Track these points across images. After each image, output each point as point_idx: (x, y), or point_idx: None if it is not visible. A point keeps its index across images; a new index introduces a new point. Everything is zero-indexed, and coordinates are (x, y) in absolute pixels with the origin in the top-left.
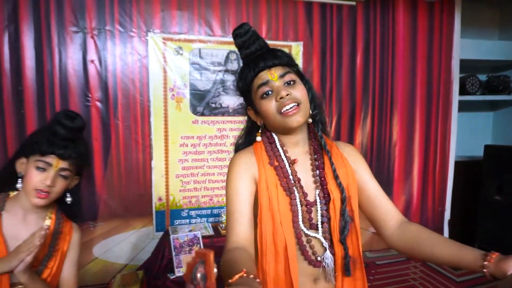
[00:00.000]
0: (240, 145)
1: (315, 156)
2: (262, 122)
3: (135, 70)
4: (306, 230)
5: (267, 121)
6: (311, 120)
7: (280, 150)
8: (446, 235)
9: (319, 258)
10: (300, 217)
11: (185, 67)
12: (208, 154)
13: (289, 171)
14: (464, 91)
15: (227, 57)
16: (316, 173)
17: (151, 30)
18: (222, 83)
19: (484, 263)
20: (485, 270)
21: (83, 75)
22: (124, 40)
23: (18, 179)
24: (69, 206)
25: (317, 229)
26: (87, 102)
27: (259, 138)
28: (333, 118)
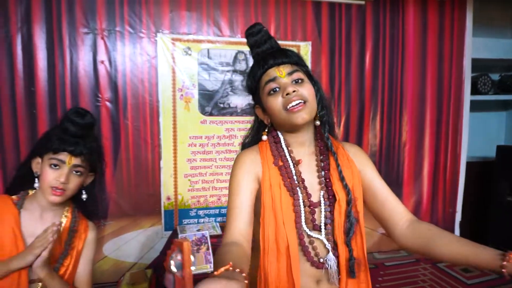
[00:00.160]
0: (246, 143)
1: (321, 157)
2: (269, 121)
3: (144, 71)
4: (309, 231)
5: (273, 118)
6: (319, 122)
7: (285, 150)
8: None
9: (321, 260)
10: (303, 218)
11: (194, 68)
12: (216, 154)
13: (293, 171)
14: (476, 91)
15: (235, 57)
16: (321, 174)
17: (160, 31)
18: (231, 83)
19: (503, 263)
20: (504, 270)
21: (93, 76)
22: (133, 41)
23: (35, 179)
24: (85, 204)
25: (320, 231)
26: (97, 102)
27: (264, 137)
28: (341, 118)
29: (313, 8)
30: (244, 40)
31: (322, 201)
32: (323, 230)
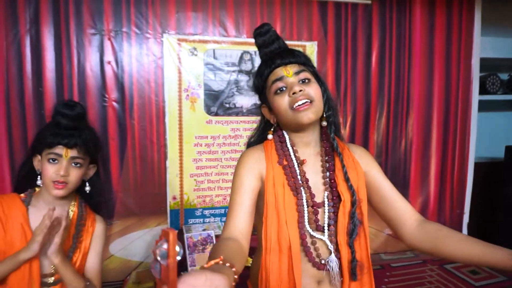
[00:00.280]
0: (252, 142)
1: (326, 158)
2: (276, 121)
3: (150, 71)
4: (311, 231)
5: (279, 117)
6: (325, 123)
7: (290, 150)
8: None
9: (323, 261)
10: (306, 218)
11: (200, 68)
12: (222, 154)
13: (298, 171)
14: (484, 91)
15: (241, 57)
16: (326, 174)
17: (166, 32)
18: (236, 83)
19: None
20: None
21: (100, 76)
22: (140, 42)
23: (38, 176)
24: (90, 197)
25: (323, 231)
26: (104, 102)
27: (270, 136)
28: (347, 119)
29: (319, 8)
30: (250, 40)
31: (326, 202)
32: (326, 231)
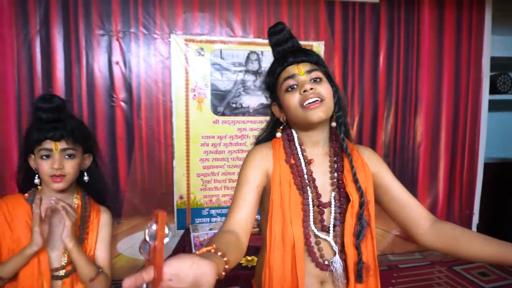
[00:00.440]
0: (260, 140)
1: (335, 159)
2: (285, 119)
3: (158, 71)
4: (316, 231)
5: (289, 115)
6: (335, 123)
7: (298, 149)
8: None
9: (326, 262)
10: (311, 217)
11: (207, 68)
12: (229, 154)
13: (305, 170)
14: (495, 90)
15: (247, 57)
16: (334, 175)
17: (173, 32)
18: (243, 83)
19: None
20: None
21: (108, 76)
22: (147, 42)
23: (36, 175)
24: (92, 188)
25: (328, 232)
26: (112, 102)
27: (279, 134)
28: (354, 118)
29: (326, 7)
30: (257, 40)
31: (333, 202)
32: (331, 231)
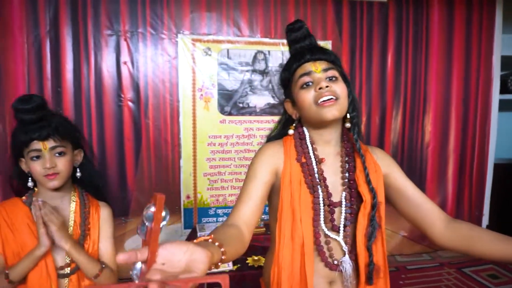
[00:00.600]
0: (272, 137)
1: (347, 159)
2: (298, 116)
3: (165, 71)
4: (326, 230)
5: (302, 112)
6: (349, 124)
7: (309, 147)
8: None
9: (336, 262)
10: (321, 217)
11: (213, 68)
12: (235, 154)
13: (315, 169)
14: (505, 90)
15: (254, 57)
16: (345, 175)
17: (181, 32)
18: (250, 83)
19: None
20: None
21: (116, 76)
22: (155, 42)
23: (29, 178)
24: (87, 183)
25: (338, 232)
26: (119, 102)
27: (291, 131)
28: (362, 118)
29: (333, 6)
30: (264, 40)
31: (344, 202)
32: (341, 231)
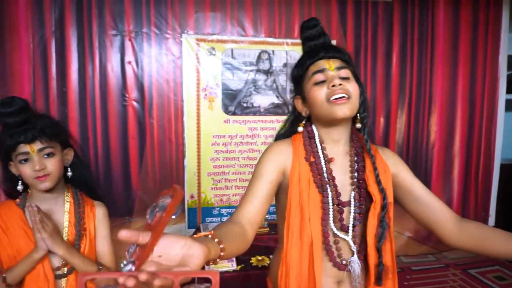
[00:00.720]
0: (281, 134)
1: (356, 158)
2: (308, 113)
3: (169, 71)
4: (335, 230)
5: (313, 109)
6: (359, 124)
7: (318, 146)
8: None
9: (344, 262)
10: (331, 216)
11: (218, 67)
12: (239, 153)
13: (324, 169)
14: None
15: (259, 56)
16: (355, 174)
17: (185, 32)
18: (254, 82)
19: None
20: None
21: (120, 76)
22: (159, 42)
23: (19, 182)
24: (80, 183)
25: (347, 231)
26: (124, 102)
27: (300, 129)
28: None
29: (338, 6)
30: (268, 39)
31: (353, 202)
32: (350, 231)
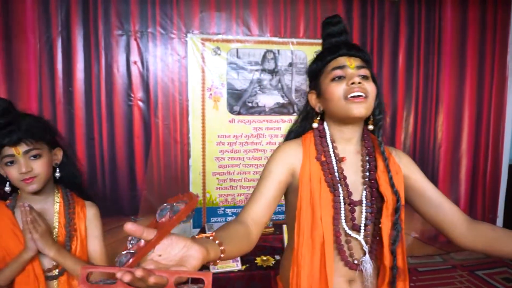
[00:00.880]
0: (293, 130)
1: (367, 158)
2: (321, 109)
3: (174, 71)
4: (347, 229)
5: (328, 105)
6: (372, 126)
7: (330, 146)
8: None
9: (356, 261)
10: (342, 215)
11: (223, 67)
12: (244, 153)
13: (335, 168)
14: None
15: (264, 56)
16: (366, 174)
17: (190, 31)
18: (259, 82)
19: None
20: None
21: (126, 76)
22: (164, 42)
23: (7, 183)
24: (70, 183)
25: (359, 231)
26: (129, 101)
27: (315, 125)
28: None
29: (344, 5)
30: (273, 39)
31: (364, 201)
32: (362, 230)
